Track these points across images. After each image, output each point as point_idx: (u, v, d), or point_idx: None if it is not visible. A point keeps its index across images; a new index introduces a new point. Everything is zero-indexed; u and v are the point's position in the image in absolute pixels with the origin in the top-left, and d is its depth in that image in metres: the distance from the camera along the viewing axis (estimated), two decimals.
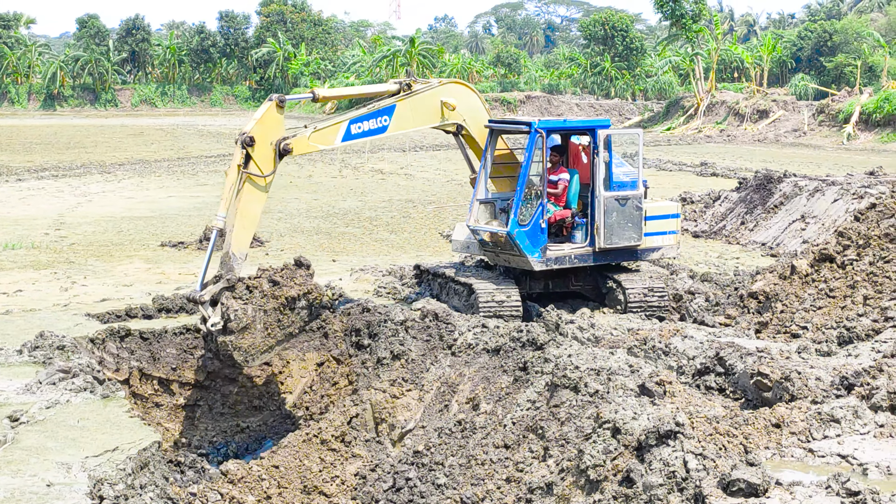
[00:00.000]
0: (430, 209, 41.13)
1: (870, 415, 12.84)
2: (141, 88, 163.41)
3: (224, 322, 18.18)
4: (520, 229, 21.41)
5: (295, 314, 19.14)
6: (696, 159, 64.88)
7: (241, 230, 18.47)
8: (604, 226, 22.10)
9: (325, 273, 27.12)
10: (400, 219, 38.78)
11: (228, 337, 18.14)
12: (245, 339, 18.32)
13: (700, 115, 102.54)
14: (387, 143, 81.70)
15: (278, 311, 18.95)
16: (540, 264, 21.84)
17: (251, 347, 18.40)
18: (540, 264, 21.84)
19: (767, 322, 20.29)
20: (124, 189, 49.39)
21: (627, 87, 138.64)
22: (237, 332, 18.20)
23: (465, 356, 18.22)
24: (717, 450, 11.87)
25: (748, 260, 29.93)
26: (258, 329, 18.54)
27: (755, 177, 38.20)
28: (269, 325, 18.77)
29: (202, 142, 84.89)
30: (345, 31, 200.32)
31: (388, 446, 17.93)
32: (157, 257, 30.03)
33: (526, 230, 21.48)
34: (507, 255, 22.19)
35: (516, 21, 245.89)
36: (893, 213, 21.38)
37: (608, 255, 22.64)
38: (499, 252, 22.30)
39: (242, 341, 18.29)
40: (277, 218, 38.64)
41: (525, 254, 21.64)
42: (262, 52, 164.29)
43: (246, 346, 18.32)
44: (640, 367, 15.80)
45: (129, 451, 14.06)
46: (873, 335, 17.85)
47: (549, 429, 14.58)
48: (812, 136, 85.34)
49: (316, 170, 59.64)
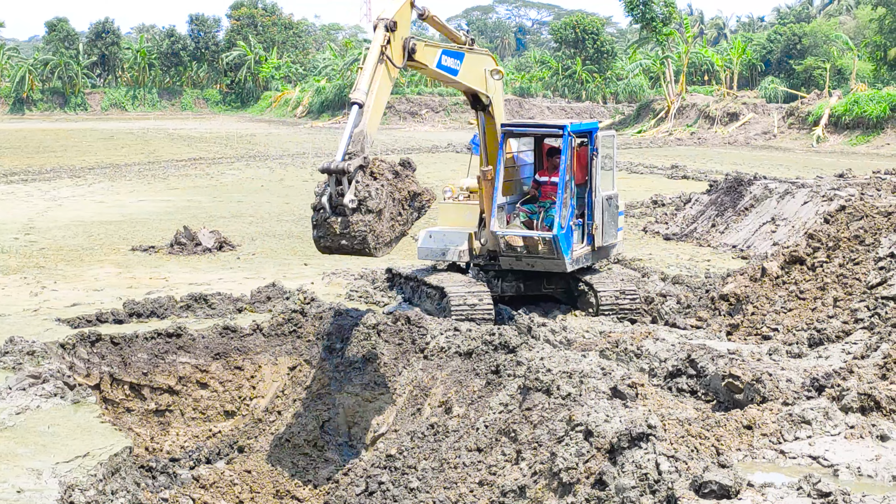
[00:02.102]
0: None
1: (840, 416, 12.90)
2: (111, 92, 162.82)
3: (359, 201, 17.02)
4: (561, 232, 21.56)
5: (409, 212, 18.17)
6: (667, 162, 65.07)
7: (374, 113, 17.98)
8: (602, 225, 22.45)
9: (296, 277, 27.07)
10: None
11: (366, 216, 17.02)
12: (377, 223, 17.23)
13: (671, 117, 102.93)
14: None
15: (400, 203, 17.96)
16: (570, 265, 22.10)
17: (379, 234, 17.30)
18: (570, 265, 22.10)
19: (738, 324, 20.37)
20: (94, 193, 49.16)
21: (598, 90, 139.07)
22: (374, 212, 17.10)
23: (438, 360, 18.22)
24: (689, 452, 11.90)
25: (719, 262, 30.04)
26: (385, 217, 17.60)
27: (726, 179, 38.36)
28: (393, 216, 17.82)
29: (173, 146, 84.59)
30: (315, 34, 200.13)
31: (360, 450, 17.92)
32: (127, 262, 29.90)
33: (564, 233, 21.67)
34: (533, 260, 22.11)
35: (487, 24, 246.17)
36: (863, 216, 21.50)
37: (600, 253, 22.99)
38: (523, 256, 22.22)
39: (376, 225, 17.18)
40: (248, 222, 38.54)
41: (563, 256, 21.81)
42: (233, 56, 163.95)
43: (378, 230, 17.28)
44: (613, 369, 15.82)
45: (101, 457, 13.98)
46: (843, 337, 17.94)
47: (522, 432, 14.58)
48: (782, 139, 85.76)
49: (287, 173, 59.54)
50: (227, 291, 24.37)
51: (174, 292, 24.44)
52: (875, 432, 12.48)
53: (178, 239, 31.84)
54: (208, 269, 28.78)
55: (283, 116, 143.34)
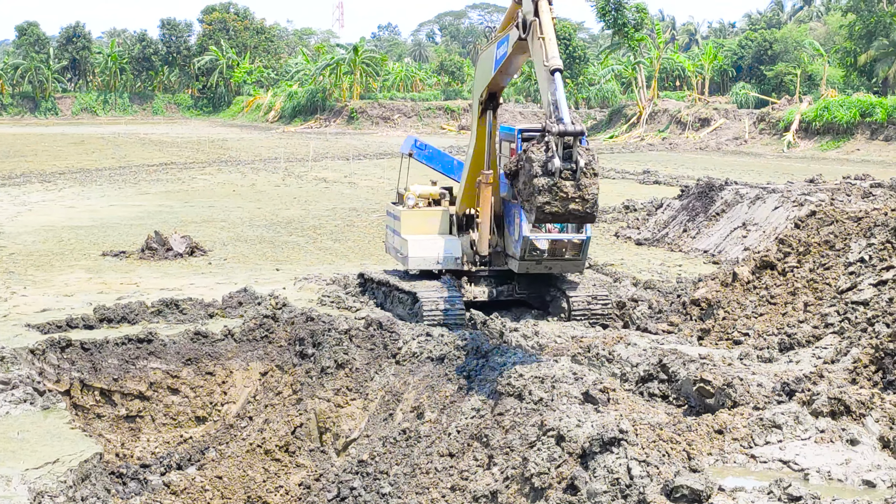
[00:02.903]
0: (373, 217, 41.06)
1: (811, 420, 12.94)
2: (82, 97, 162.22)
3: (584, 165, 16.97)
4: (590, 235, 22.05)
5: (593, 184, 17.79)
6: (639, 167, 65.28)
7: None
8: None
9: (268, 282, 27.00)
10: (344, 227, 38.70)
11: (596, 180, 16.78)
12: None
13: (642, 123, 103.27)
14: (330, 151, 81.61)
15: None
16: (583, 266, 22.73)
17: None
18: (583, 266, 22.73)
19: (710, 329, 20.42)
20: (65, 198, 48.92)
21: (570, 96, 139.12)
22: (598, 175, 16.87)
23: (410, 365, 18.20)
24: (660, 456, 11.92)
25: (690, 267, 30.12)
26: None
27: (697, 184, 38.49)
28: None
29: (144, 150, 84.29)
30: (288, 39, 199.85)
31: (332, 456, 17.88)
32: (98, 267, 29.75)
33: (590, 235, 22.13)
34: (554, 262, 22.22)
35: (460, 29, 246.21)
36: (833, 221, 21.60)
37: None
38: (543, 260, 22.11)
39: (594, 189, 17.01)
40: (220, 227, 38.43)
41: (586, 258, 22.36)
42: (205, 61, 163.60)
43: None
44: (584, 374, 15.83)
45: (71, 463, 13.91)
46: (814, 341, 18.01)
47: (494, 437, 14.58)
48: (753, 144, 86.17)
49: (259, 178, 59.41)
50: (199, 297, 24.29)
51: (145, 298, 24.34)
52: (845, 436, 12.54)
53: (150, 244, 31.71)
54: (179, 274, 28.67)
55: (255, 121, 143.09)
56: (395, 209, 23.85)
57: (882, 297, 17.91)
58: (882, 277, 18.51)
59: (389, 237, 24.74)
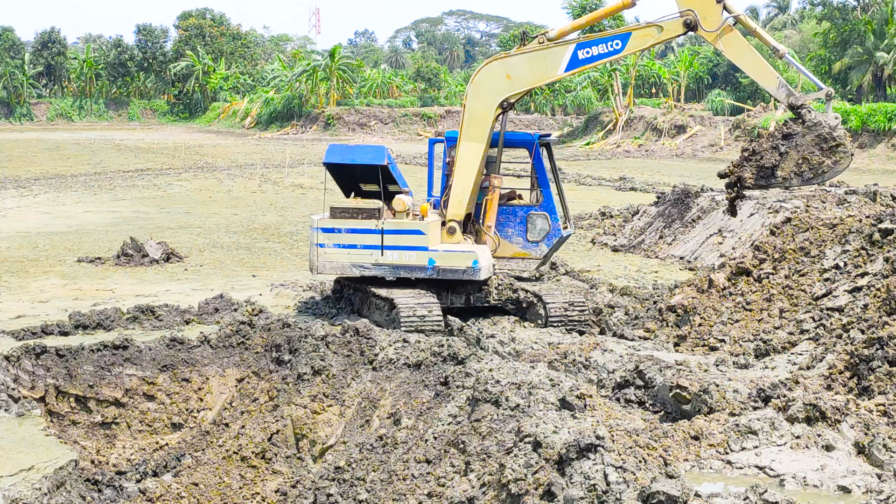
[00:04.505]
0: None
1: (786, 426, 13.00)
2: (57, 102, 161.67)
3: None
4: None
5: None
6: (615, 174, 65.44)
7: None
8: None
9: (244, 288, 26.95)
10: None
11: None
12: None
13: (619, 130, 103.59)
14: (306, 158, 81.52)
15: None
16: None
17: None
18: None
19: (686, 335, 20.48)
20: (40, 204, 48.71)
21: (547, 102, 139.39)
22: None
23: (387, 371, 18.19)
24: (637, 463, 11.94)
25: (667, 274, 30.20)
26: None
27: (673, 191, 38.59)
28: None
29: (119, 156, 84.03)
30: (264, 45, 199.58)
31: (308, 462, 17.85)
32: (73, 273, 29.64)
33: None
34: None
35: (436, 36, 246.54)
36: (808, 228, 21.71)
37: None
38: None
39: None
40: (196, 233, 38.34)
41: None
42: (181, 66, 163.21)
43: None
44: (561, 380, 15.87)
45: (46, 471, 13.85)
46: (789, 348, 18.10)
47: (471, 443, 14.58)
48: (728, 151, 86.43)
49: (235, 184, 59.31)
50: (175, 303, 24.22)
51: (121, 304, 24.26)
52: (820, 442, 12.60)
53: (125, 250, 31.61)
54: (155, 280, 28.59)
55: (231, 127, 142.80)
56: (413, 224, 22.99)
57: (857, 303, 18.01)
58: (857, 284, 18.61)
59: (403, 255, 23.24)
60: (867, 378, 14.78)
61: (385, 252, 22.74)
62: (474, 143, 22.71)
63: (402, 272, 22.66)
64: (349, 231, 22.77)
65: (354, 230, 22.78)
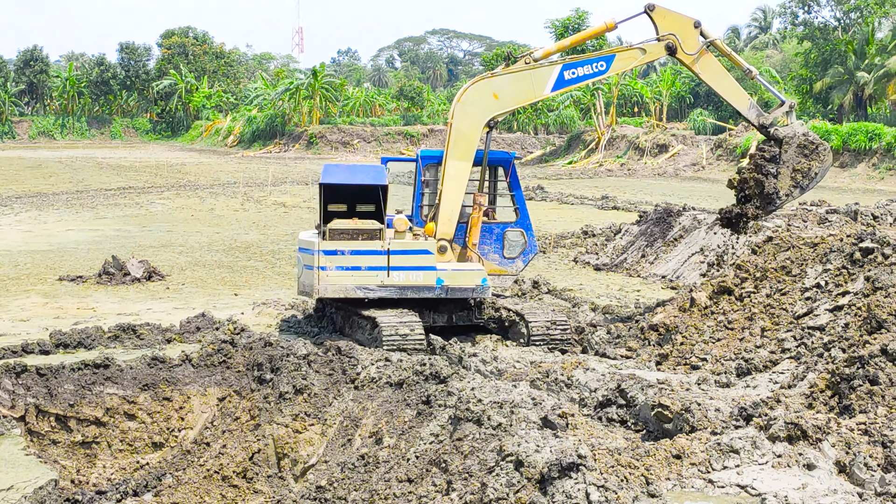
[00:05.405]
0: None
1: (768, 445, 13.01)
2: (39, 120, 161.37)
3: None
4: None
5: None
6: (598, 193, 65.57)
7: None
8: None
9: (226, 307, 26.89)
10: None
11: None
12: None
13: (601, 149, 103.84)
14: (289, 176, 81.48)
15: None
16: None
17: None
18: None
19: (668, 354, 20.51)
20: (21, 222, 48.57)
21: (529, 121, 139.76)
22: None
23: (369, 390, 18.16)
24: (618, 481, 11.94)
25: (649, 292, 30.24)
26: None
27: (655, 210, 38.66)
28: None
29: (102, 175, 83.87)
30: (247, 63, 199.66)
31: (290, 482, 17.78)
32: (54, 292, 29.54)
33: None
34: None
35: (419, 55, 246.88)
36: (789, 247, 21.78)
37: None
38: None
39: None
40: (178, 251, 38.26)
41: None
42: (164, 85, 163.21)
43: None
44: (543, 399, 15.85)
45: (25, 490, 13.78)
46: (771, 366, 18.13)
47: (453, 462, 14.55)
48: (710, 170, 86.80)
49: (218, 203, 59.23)
50: (156, 322, 24.16)
51: (102, 323, 24.18)
52: (802, 461, 12.61)
53: (107, 269, 31.52)
54: (137, 299, 28.51)
55: (213, 146, 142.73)
56: (421, 244, 22.84)
57: (838, 322, 18.06)
58: (838, 303, 18.66)
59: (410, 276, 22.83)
60: (848, 397, 14.81)
61: (391, 273, 22.46)
62: (461, 162, 22.79)
63: (409, 293, 22.44)
64: (353, 253, 22.33)
65: (359, 252, 22.37)
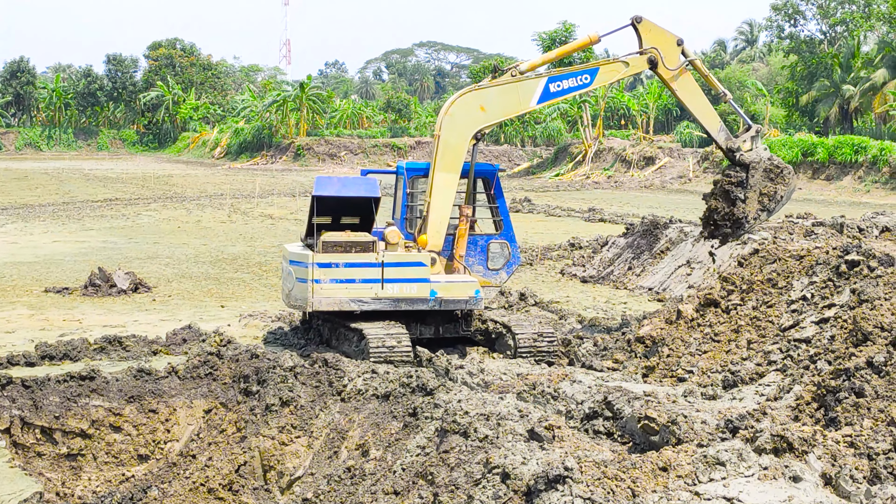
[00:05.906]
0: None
1: (754, 457, 13.02)
2: (25, 132, 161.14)
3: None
4: None
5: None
6: (584, 205, 65.66)
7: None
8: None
9: (213, 319, 26.85)
10: None
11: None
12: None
13: (588, 161, 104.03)
14: (276, 188, 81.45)
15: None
16: None
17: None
18: None
19: (654, 366, 20.51)
20: (7, 234, 48.46)
21: (516, 134, 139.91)
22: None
23: (355, 402, 18.14)
24: (605, 494, 11.93)
25: (635, 305, 30.27)
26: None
27: (642, 223, 38.70)
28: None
29: (88, 186, 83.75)
30: (234, 75, 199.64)
31: (276, 494, 17.75)
32: (40, 303, 29.46)
33: None
34: None
35: (407, 67, 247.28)
36: (776, 259, 21.82)
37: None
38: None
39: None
40: (165, 263, 38.20)
41: None
42: (151, 96, 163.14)
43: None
44: (530, 411, 15.84)
45: (10, 503, 13.72)
46: (757, 379, 18.14)
47: (439, 475, 14.54)
48: (697, 183, 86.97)
49: (205, 215, 59.17)
50: (142, 333, 24.11)
51: (88, 334, 24.12)
52: (788, 473, 12.62)
53: (93, 280, 31.45)
54: (123, 310, 28.45)
55: (200, 157, 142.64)
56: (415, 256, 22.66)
57: (824, 334, 18.09)
58: (824, 315, 18.69)
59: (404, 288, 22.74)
60: (834, 409, 14.84)
61: (385, 285, 22.34)
62: (449, 174, 22.79)
63: (404, 305, 22.39)
64: (347, 265, 22.17)
65: (353, 264, 22.21)
